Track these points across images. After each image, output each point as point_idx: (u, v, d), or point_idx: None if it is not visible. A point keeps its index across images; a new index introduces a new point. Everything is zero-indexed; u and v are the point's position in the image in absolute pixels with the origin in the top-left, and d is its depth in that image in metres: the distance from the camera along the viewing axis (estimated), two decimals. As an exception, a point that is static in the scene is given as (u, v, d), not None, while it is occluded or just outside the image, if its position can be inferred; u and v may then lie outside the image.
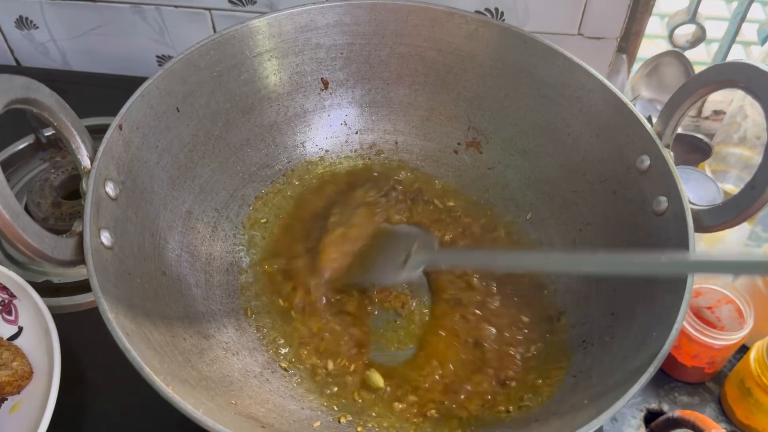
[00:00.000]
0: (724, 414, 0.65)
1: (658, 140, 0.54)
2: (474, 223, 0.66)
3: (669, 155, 0.53)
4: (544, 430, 0.43)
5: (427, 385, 0.55)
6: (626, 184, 0.56)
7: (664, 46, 0.83)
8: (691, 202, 0.50)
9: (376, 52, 0.67)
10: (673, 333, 0.43)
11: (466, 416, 0.52)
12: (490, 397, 0.53)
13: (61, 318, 0.60)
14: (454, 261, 0.62)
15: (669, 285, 0.47)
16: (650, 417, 0.65)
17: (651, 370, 0.42)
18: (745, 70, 0.47)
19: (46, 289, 0.66)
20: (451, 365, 0.56)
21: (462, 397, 0.53)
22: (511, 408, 0.52)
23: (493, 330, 0.58)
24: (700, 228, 0.50)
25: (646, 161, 0.54)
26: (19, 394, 0.58)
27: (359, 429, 0.52)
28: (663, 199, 0.52)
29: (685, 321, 0.61)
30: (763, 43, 0.82)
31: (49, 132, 0.80)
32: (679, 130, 0.82)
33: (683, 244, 0.48)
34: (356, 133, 0.71)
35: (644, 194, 0.54)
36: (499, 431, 0.49)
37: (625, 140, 0.57)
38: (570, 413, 0.44)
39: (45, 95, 0.46)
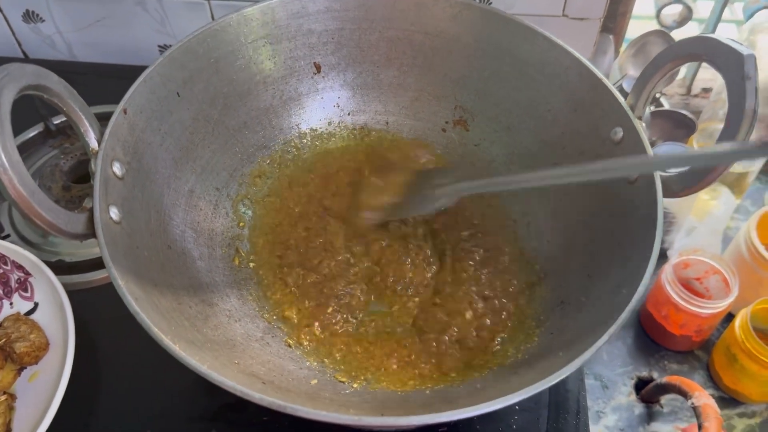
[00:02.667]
0: (712, 380, 0.68)
1: (630, 113, 0.56)
2: None
3: (641, 126, 0.55)
4: (520, 381, 0.46)
5: (416, 346, 0.58)
6: (602, 155, 0.59)
7: (655, 27, 0.84)
8: (660, 170, 0.53)
9: (366, 36, 0.69)
10: (640, 288, 0.46)
11: (450, 371, 0.56)
12: (472, 355, 0.57)
13: (73, 294, 0.63)
14: (476, 187, 0.63)
15: (639, 247, 0.50)
16: (641, 384, 0.67)
17: (618, 322, 0.44)
18: (707, 43, 0.50)
19: (59, 268, 0.69)
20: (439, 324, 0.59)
21: (447, 355, 0.57)
22: (491, 364, 0.55)
23: (478, 294, 0.61)
24: (669, 193, 0.52)
25: (620, 133, 0.57)
26: (36, 364, 0.61)
27: (355, 385, 0.55)
28: (635, 168, 0.55)
29: (672, 291, 0.64)
30: (747, 20, 0.84)
31: (57, 120, 0.84)
32: (666, 107, 0.86)
33: (653, 208, 0.51)
34: (348, 114, 0.73)
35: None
36: (480, 384, 0.52)
37: (600, 114, 0.59)
38: (545, 365, 0.47)
39: (54, 82, 0.49)
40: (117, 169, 0.52)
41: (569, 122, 0.63)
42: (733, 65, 0.47)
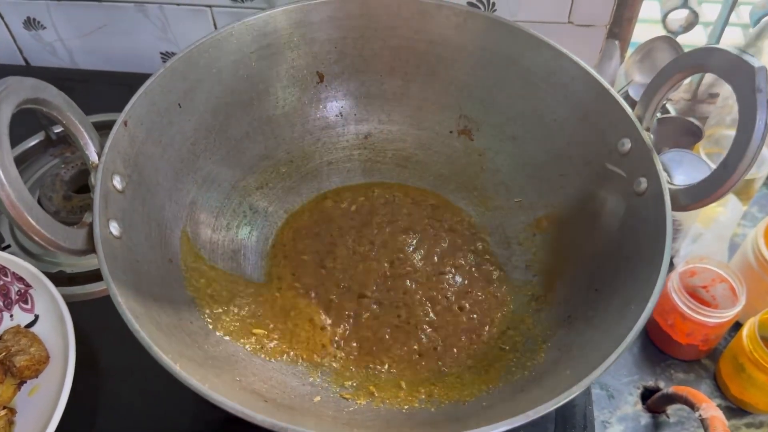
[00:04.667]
0: (719, 390, 0.67)
1: (638, 123, 0.55)
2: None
3: (649, 138, 0.55)
4: (527, 398, 0.45)
5: (420, 359, 0.58)
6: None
7: (661, 31, 0.84)
8: (669, 182, 0.52)
9: (369, 45, 0.69)
10: (650, 305, 0.45)
11: (457, 388, 0.55)
12: (476, 369, 0.56)
13: (74, 306, 0.62)
14: None
15: (647, 262, 0.49)
16: (647, 394, 0.66)
17: (628, 341, 0.44)
18: (714, 54, 0.49)
19: (59, 279, 0.68)
20: (441, 338, 0.59)
21: (451, 369, 0.56)
22: (497, 381, 0.55)
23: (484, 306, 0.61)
24: (678, 207, 0.51)
25: (627, 144, 0.56)
26: (37, 377, 0.61)
27: (359, 401, 0.54)
28: (643, 180, 0.54)
29: (678, 300, 0.63)
30: (755, 25, 0.84)
31: (58, 129, 0.83)
32: (672, 113, 0.85)
33: (661, 222, 0.50)
34: (352, 124, 0.73)
35: (626, 176, 0.56)
36: (486, 402, 0.52)
37: (607, 124, 0.58)
38: (552, 383, 0.47)
39: (53, 95, 0.49)
40: (117, 182, 0.52)
41: (575, 132, 0.62)
42: (744, 77, 0.46)
